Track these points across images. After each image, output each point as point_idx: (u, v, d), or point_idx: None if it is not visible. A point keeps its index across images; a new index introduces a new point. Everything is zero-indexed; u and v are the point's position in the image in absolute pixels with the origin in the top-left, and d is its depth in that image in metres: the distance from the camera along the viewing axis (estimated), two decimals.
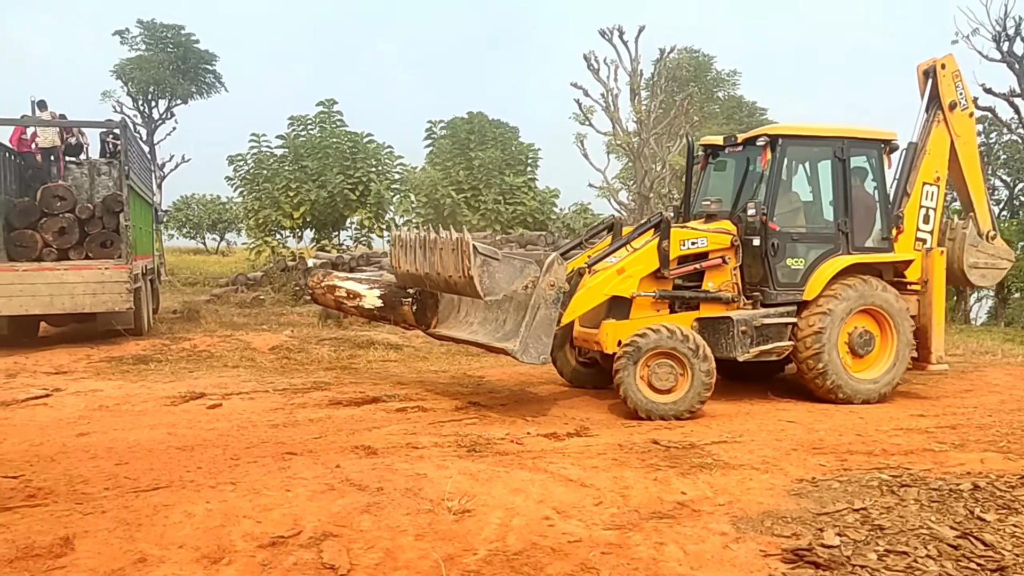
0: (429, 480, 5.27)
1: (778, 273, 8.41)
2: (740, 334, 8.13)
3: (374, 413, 7.87)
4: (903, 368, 8.54)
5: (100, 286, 11.61)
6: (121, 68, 32.28)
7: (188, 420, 7.56)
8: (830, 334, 8.19)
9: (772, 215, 8.39)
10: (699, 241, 8.44)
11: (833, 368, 8.20)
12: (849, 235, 8.57)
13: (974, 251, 9.47)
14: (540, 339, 7.46)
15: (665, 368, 7.68)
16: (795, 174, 9.02)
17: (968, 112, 9.51)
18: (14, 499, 4.95)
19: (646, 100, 27.23)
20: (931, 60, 9.48)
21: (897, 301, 8.48)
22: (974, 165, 9.65)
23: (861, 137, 8.81)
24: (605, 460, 5.92)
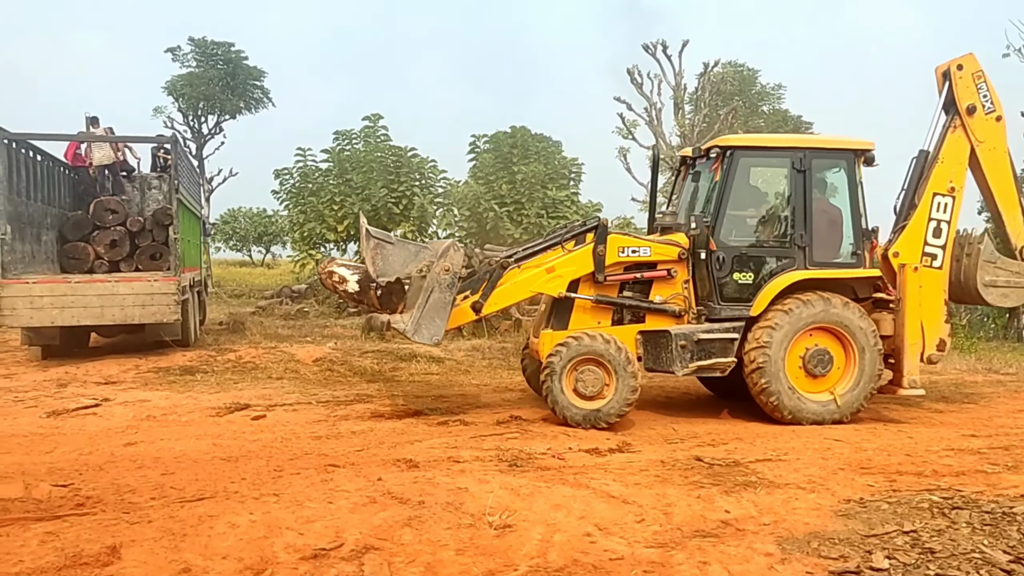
0: (470, 494, 5.26)
1: (724, 287, 8.24)
2: (679, 348, 7.96)
3: (416, 426, 7.88)
4: (866, 391, 8.08)
5: (149, 298, 11.83)
6: (172, 84, 33.04)
7: (233, 431, 7.65)
8: (775, 350, 7.91)
9: (719, 228, 8.26)
10: (641, 250, 8.39)
11: (776, 385, 7.91)
12: (807, 249, 8.21)
13: (991, 268, 8.77)
14: (433, 321, 7.84)
15: (591, 375, 7.77)
16: (751, 186, 8.78)
17: (995, 116, 8.73)
18: (64, 507, 5.05)
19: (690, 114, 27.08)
20: (949, 61, 8.85)
21: (861, 320, 8.06)
22: (1002, 174, 8.85)
23: (826, 147, 8.54)
24: (647, 477, 5.85)
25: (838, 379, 8.13)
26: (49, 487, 5.43)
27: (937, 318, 8.42)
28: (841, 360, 8.13)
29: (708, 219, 8.23)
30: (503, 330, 14.88)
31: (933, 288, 8.44)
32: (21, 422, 8.09)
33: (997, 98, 8.71)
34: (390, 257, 8.22)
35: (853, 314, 8.05)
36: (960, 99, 8.67)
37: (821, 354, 8.03)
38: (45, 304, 11.37)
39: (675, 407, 9.04)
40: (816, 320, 8.01)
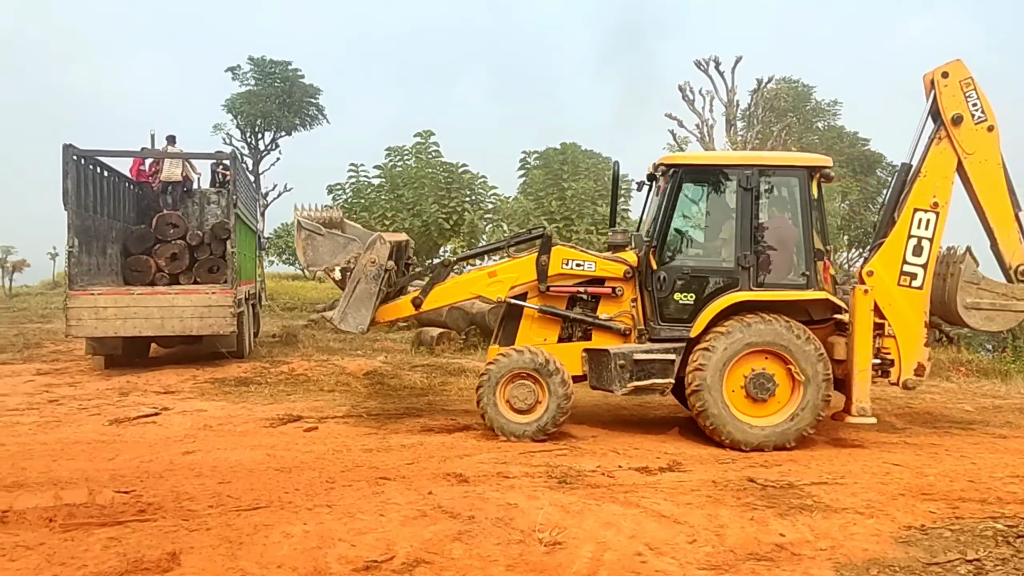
0: (520, 510, 5.27)
1: (665, 308, 8.09)
2: (618, 367, 7.83)
3: (465, 440, 7.92)
4: (811, 416, 7.68)
5: (207, 310, 12.12)
6: (232, 102, 33.90)
7: (286, 442, 7.78)
8: (711, 372, 7.66)
9: (663, 247, 8.14)
10: (586, 265, 8.35)
11: (714, 408, 7.66)
12: (752, 270, 7.91)
13: (973, 289, 8.20)
14: (359, 310, 8.22)
15: (524, 389, 7.89)
16: (697, 205, 8.54)
17: (986, 125, 8.09)
18: (126, 513, 5.19)
19: (742, 131, 26.85)
20: (934, 69, 8.27)
21: (805, 343, 7.67)
22: (995, 188, 8.18)
23: (775, 165, 8.22)
24: (699, 497, 5.78)
25: (779, 403, 7.78)
26: (112, 493, 5.59)
27: (915, 341, 8.03)
28: (786, 384, 7.79)
29: (648, 238, 8.19)
30: None
31: (912, 309, 8.04)
32: (85, 429, 8.35)
33: (989, 107, 8.14)
34: (320, 248, 8.48)
35: (796, 337, 7.69)
36: (945, 109, 8.13)
37: (763, 378, 7.73)
38: (109, 315, 11.72)
39: None
40: (754, 343, 7.71)
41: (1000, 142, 8.17)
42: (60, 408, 9.61)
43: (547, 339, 8.42)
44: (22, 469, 6.47)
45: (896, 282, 8.09)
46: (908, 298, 8.05)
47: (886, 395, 10.73)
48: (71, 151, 11.83)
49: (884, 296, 8.03)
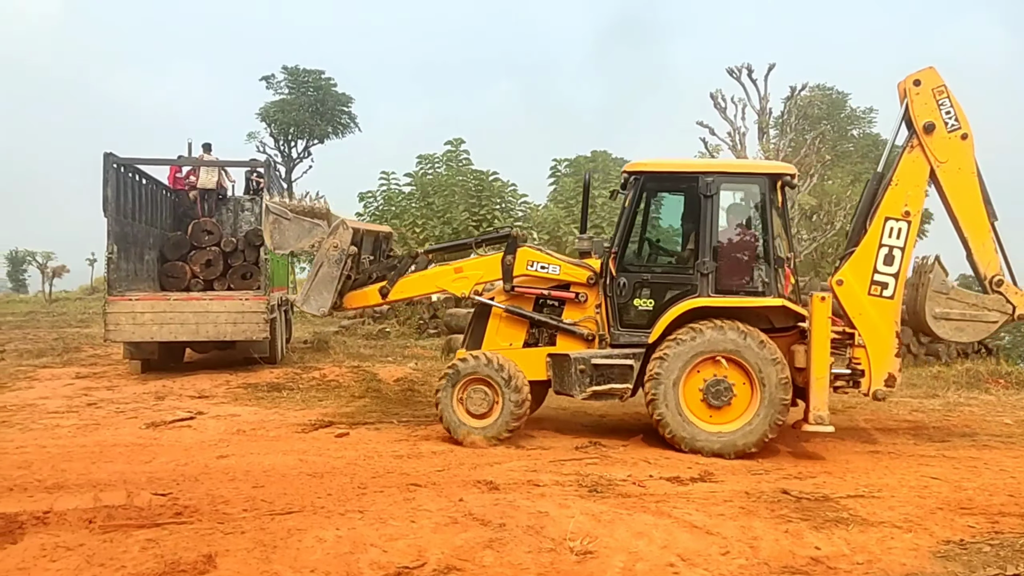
0: (551, 519, 5.27)
1: (624, 314, 8.12)
2: (578, 372, 7.95)
3: (495, 448, 7.92)
4: (768, 423, 7.61)
5: (240, 316, 12.26)
6: (265, 111, 34.41)
7: (318, 447, 7.84)
8: (666, 380, 7.67)
9: (623, 253, 8.17)
10: (550, 268, 8.42)
11: (670, 416, 7.69)
12: (711, 277, 7.87)
13: (942, 299, 8.06)
14: (321, 293, 8.52)
15: (480, 394, 8.03)
16: (658, 212, 8.58)
17: (959, 133, 7.96)
18: (163, 515, 5.27)
19: (775, 139, 26.61)
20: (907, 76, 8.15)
21: (760, 350, 7.61)
22: (969, 197, 8.02)
23: (736, 172, 8.20)
24: (732, 508, 5.73)
25: (742, 410, 7.74)
26: (149, 495, 5.69)
27: (886, 351, 7.90)
28: (745, 391, 7.73)
29: (608, 244, 8.22)
30: None
31: (883, 319, 7.92)
32: (123, 432, 8.50)
33: (963, 115, 8.02)
34: (287, 232, 8.77)
35: (752, 344, 7.64)
36: (917, 117, 8.03)
37: (720, 385, 7.70)
38: (146, 320, 11.91)
39: None
40: (708, 350, 7.69)
41: (975, 150, 8.05)
42: (98, 411, 9.79)
43: (513, 343, 8.53)
44: (62, 471, 6.60)
45: (867, 291, 7.99)
46: (879, 308, 7.96)
47: (924, 408, 10.58)
48: (111, 159, 12.06)
49: (854, 306, 7.98)
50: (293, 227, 8.77)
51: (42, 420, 9.25)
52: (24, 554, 4.60)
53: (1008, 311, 8.06)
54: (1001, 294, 8.03)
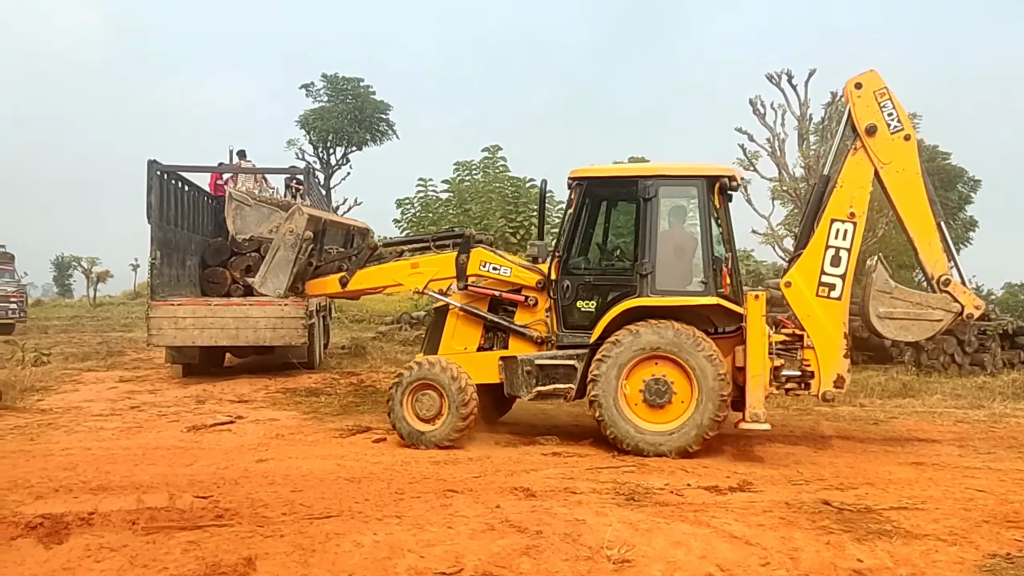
0: (588, 526, 5.24)
1: (568, 315, 8.31)
2: (525, 374, 8.17)
3: (531, 455, 7.91)
4: (706, 421, 7.71)
5: (280, 321, 12.40)
6: (305, 118, 34.80)
7: (355, 452, 7.90)
8: (606, 380, 7.83)
9: (568, 257, 8.34)
10: (502, 269, 8.63)
11: (611, 416, 7.83)
12: (649, 278, 7.99)
13: (886, 299, 8.03)
14: (277, 276, 8.82)
15: (428, 399, 8.22)
16: (603, 216, 8.80)
17: (902, 135, 8.02)
18: (204, 518, 5.34)
19: (815, 145, 26.26)
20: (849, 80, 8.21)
21: (696, 349, 7.72)
22: (913, 197, 8.05)
23: (674, 175, 8.29)
24: (771, 518, 5.65)
25: (682, 409, 7.84)
26: (191, 498, 5.77)
27: (834, 353, 7.96)
28: (685, 390, 7.83)
29: (551, 248, 8.41)
30: None
31: (831, 321, 7.97)
32: (165, 435, 8.65)
33: (905, 116, 8.09)
34: (248, 217, 9.19)
35: (688, 343, 7.75)
36: (859, 119, 8.07)
37: (660, 384, 7.83)
38: (187, 325, 12.10)
39: (800, 445, 8.70)
40: (645, 349, 7.83)
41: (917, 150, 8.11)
42: (141, 414, 9.97)
43: (468, 347, 8.76)
44: (106, 473, 6.73)
45: (815, 293, 8.05)
46: (826, 309, 8.02)
47: (969, 419, 10.36)
48: (155, 167, 12.29)
49: (803, 307, 8.08)
50: (253, 213, 9.21)
51: (87, 423, 9.45)
52: (69, 554, 4.70)
53: (953, 310, 8.00)
54: (949, 293, 7.99)
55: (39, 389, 11.69)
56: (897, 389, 12.52)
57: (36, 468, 6.94)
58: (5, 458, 7.43)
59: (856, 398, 11.77)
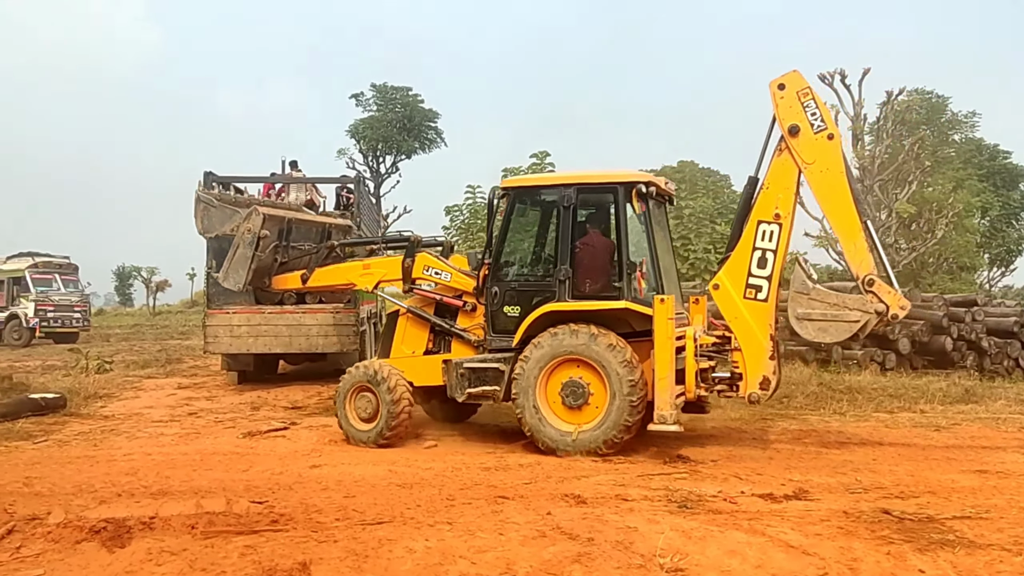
0: (640, 534, 5.19)
1: (496, 320, 8.62)
2: (459, 376, 8.51)
3: (581, 462, 7.86)
4: (618, 422, 7.82)
5: (332, 328, 12.56)
6: (355, 128, 35.34)
7: (406, 458, 7.96)
8: (526, 382, 8.10)
9: (496, 264, 8.67)
10: (443, 274, 9.09)
11: (531, 416, 8.10)
12: (568, 283, 8.23)
13: (804, 300, 7.99)
14: (238, 271, 9.65)
15: (365, 400, 8.69)
16: (527, 224, 9.11)
17: (825, 134, 7.96)
18: (260, 523, 5.44)
19: (870, 145, 25.73)
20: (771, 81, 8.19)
21: (609, 353, 7.86)
22: (838, 197, 8.00)
23: (590, 183, 8.52)
24: (829, 528, 5.53)
25: (600, 411, 7.98)
26: (247, 503, 5.87)
27: (760, 355, 8.01)
28: (601, 392, 7.98)
29: (481, 255, 8.83)
30: None
31: (757, 322, 8.02)
32: (221, 441, 8.84)
33: (828, 115, 8.05)
34: (213, 217, 9.98)
35: (600, 347, 7.90)
36: (782, 120, 8.06)
37: (575, 386, 8.03)
38: (242, 333, 12.34)
39: (857, 452, 8.50)
40: (562, 352, 8.04)
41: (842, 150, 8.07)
42: (199, 420, 10.20)
43: (415, 351, 9.20)
44: (166, 478, 6.90)
45: (742, 295, 8.10)
46: (753, 311, 8.07)
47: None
48: (211, 177, 12.57)
49: (730, 309, 8.15)
50: (218, 213, 9.98)
51: (147, 428, 9.70)
52: (132, 558, 4.82)
53: (871, 311, 7.89)
54: (874, 293, 7.89)
55: (102, 396, 12.05)
56: (959, 395, 12.16)
57: (100, 473, 7.15)
58: (71, 463, 7.67)
59: (916, 404, 11.47)
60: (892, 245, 24.81)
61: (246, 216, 9.50)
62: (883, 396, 11.95)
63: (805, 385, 12.51)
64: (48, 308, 26.96)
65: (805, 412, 11.01)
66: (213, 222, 9.95)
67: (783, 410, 11.14)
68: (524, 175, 8.71)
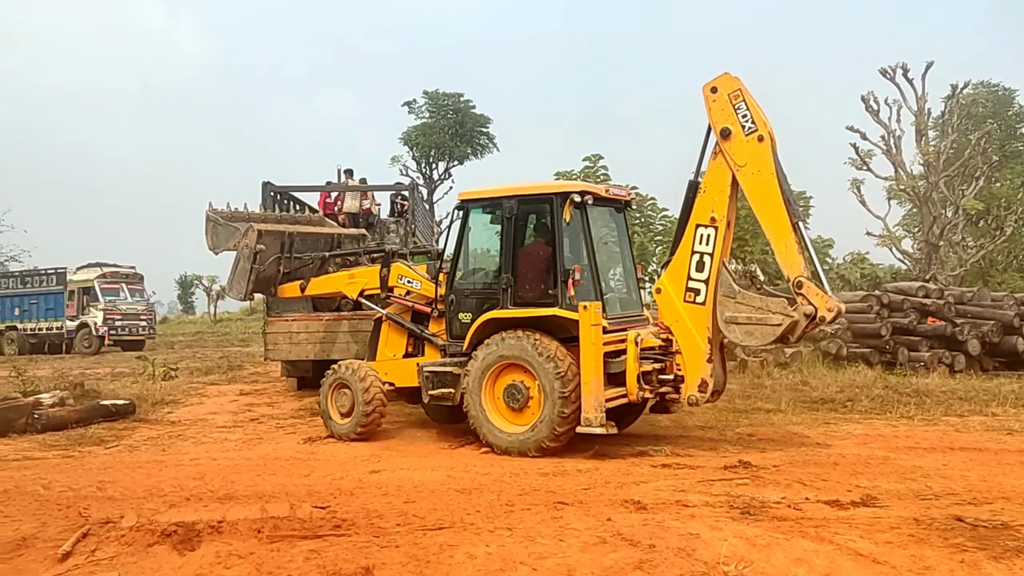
0: (702, 541, 5.12)
1: (452, 326, 9.11)
2: (424, 379, 8.96)
3: (640, 467, 7.81)
4: (547, 429, 8.08)
5: None
6: (408, 135, 35.70)
7: (464, 463, 7.99)
8: (472, 385, 8.49)
9: (452, 273, 9.15)
10: (414, 283, 9.70)
11: (475, 416, 8.51)
12: (510, 290, 8.61)
13: (731, 303, 8.07)
14: (239, 282, 10.35)
15: (344, 396, 9.42)
16: (479, 234, 9.38)
17: (755, 136, 7.96)
18: (323, 527, 5.51)
19: (934, 141, 25.02)
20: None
21: (542, 357, 8.12)
22: (769, 199, 8.00)
23: (529, 194, 8.87)
24: (899, 535, 5.37)
25: (536, 412, 8.24)
26: (310, 508, 5.97)
27: (698, 358, 8.20)
28: (538, 396, 8.23)
29: (438, 265, 9.51)
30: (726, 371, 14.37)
31: (696, 325, 8.21)
32: (283, 446, 9.01)
33: (760, 117, 8.01)
34: (219, 234, 10.52)
35: (535, 352, 8.18)
36: (715, 123, 8.15)
37: (515, 389, 8.34)
38: (301, 340, 12.56)
39: (927, 457, 8.26)
40: (503, 356, 8.39)
41: (773, 151, 8.03)
42: (260, 426, 10.41)
43: (396, 354, 9.83)
44: (232, 482, 7.05)
45: (682, 299, 8.27)
46: (692, 314, 8.25)
47: None
48: (268, 187, 12.84)
49: (671, 313, 8.36)
50: (223, 231, 10.51)
51: (212, 434, 9.94)
52: (201, 561, 4.94)
53: (794, 314, 7.91)
54: (803, 295, 7.89)
55: (168, 402, 12.39)
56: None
57: (168, 478, 7.34)
58: (141, 468, 7.90)
59: (988, 407, 11.10)
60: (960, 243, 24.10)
61: (244, 232, 10.21)
62: (952, 399, 11.61)
63: (870, 388, 12.23)
64: (116, 317, 27.87)
65: (871, 416, 10.75)
66: (219, 239, 10.57)
67: (847, 414, 10.90)
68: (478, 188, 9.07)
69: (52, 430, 9.98)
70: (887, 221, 25.50)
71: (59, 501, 6.48)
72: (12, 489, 6.90)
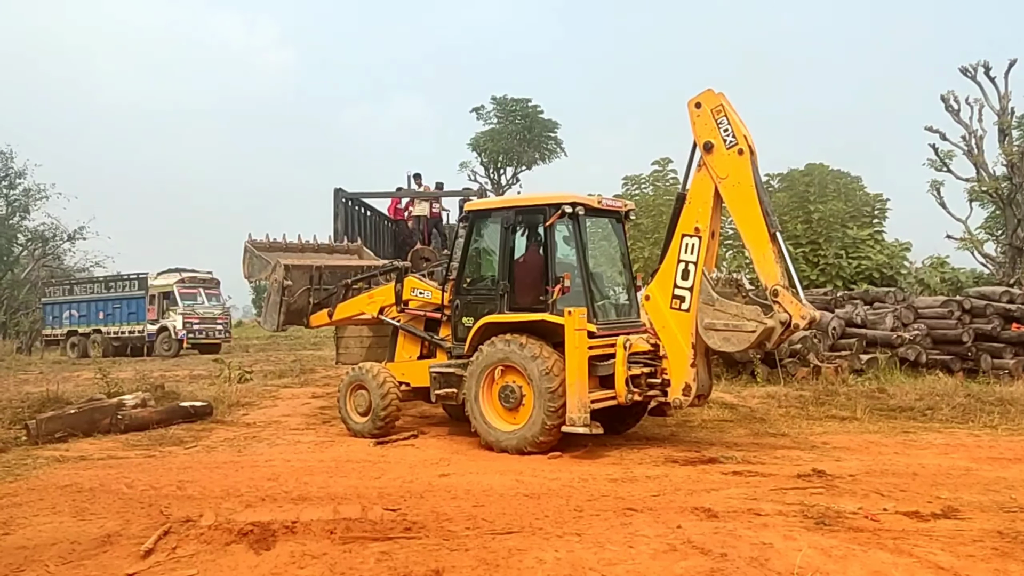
0: (776, 551, 5.03)
1: (457, 330, 9.56)
2: (433, 380, 9.47)
3: (710, 474, 7.70)
4: (538, 428, 8.48)
5: None
6: (476, 141, 35.99)
7: (532, 468, 8.00)
8: (471, 386, 8.94)
9: (459, 280, 9.60)
10: (426, 293, 10.15)
11: (473, 416, 8.96)
12: (506, 296, 9.05)
13: (709, 311, 8.39)
14: (272, 315, 10.98)
15: (360, 396, 9.92)
16: (482, 243, 9.80)
17: (736, 149, 8.31)
18: (394, 530, 5.60)
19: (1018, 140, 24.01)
20: None
21: (532, 360, 8.52)
22: (748, 210, 8.36)
23: (526, 205, 9.38)
24: (983, 549, 5.18)
25: (524, 413, 8.67)
26: (381, 510, 6.07)
27: (683, 362, 8.54)
28: (530, 396, 8.61)
29: (444, 271, 9.96)
30: (800, 377, 14.06)
31: (681, 332, 8.54)
32: (354, 449, 9.16)
33: (740, 131, 8.36)
34: (254, 265, 11.03)
35: (526, 355, 8.57)
36: (698, 137, 8.54)
37: (510, 390, 8.75)
38: (371, 344, 12.80)
39: (1012, 468, 7.93)
40: (497, 359, 8.80)
41: (752, 164, 8.35)
42: (332, 429, 10.62)
43: (412, 356, 10.39)
44: (305, 484, 7.22)
45: (669, 305, 8.62)
46: (678, 321, 8.59)
47: None
48: (341, 194, 13.13)
49: (659, 319, 8.73)
50: (257, 262, 11.02)
51: (286, 436, 10.18)
52: (276, 560, 5.07)
53: (768, 321, 8.16)
54: (779, 303, 8.17)
55: (244, 404, 12.74)
56: None
57: (244, 478, 7.56)
58: (218, 468, 8.14)
59: None
60: None
61: (272, 268, 10.74)
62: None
63: (951, 396, 11.79)
64: (194, 321, 28.81)
65: (952, 425, 10.38)
66: (254, 269, 11.06)
67: (927, 423, 10.55)
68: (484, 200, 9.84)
69: (135, 430, 10.35)
70: (968, 224, 24.58)
71: (141, 500, 6.74)
72: (97, 488, 7.21)
